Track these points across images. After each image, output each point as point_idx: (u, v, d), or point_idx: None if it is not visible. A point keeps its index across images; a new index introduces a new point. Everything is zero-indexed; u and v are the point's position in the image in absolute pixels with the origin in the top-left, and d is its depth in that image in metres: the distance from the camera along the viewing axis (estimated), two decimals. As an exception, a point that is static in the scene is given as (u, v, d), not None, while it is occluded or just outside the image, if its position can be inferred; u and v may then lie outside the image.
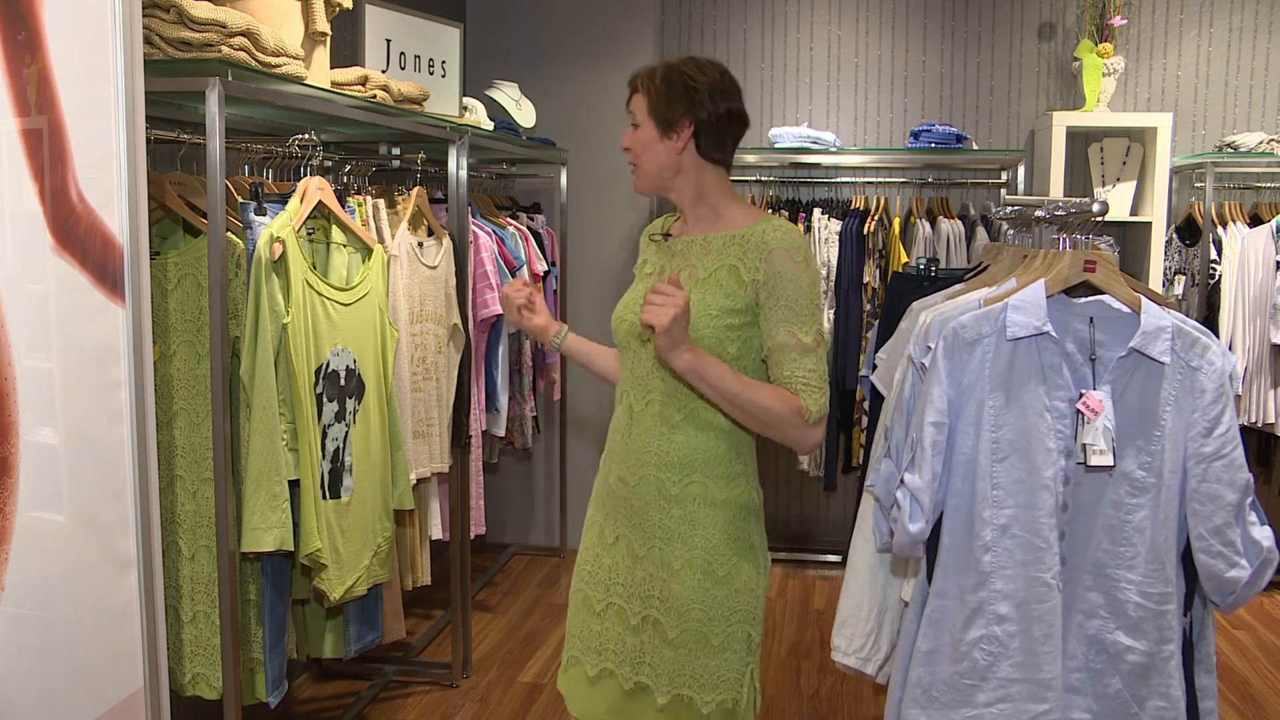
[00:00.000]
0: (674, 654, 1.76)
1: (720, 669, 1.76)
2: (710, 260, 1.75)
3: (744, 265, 1.71)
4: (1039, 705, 1.74)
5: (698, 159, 1.78)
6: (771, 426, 1.68)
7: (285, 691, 2.33)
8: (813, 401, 1.67)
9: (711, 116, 1.75)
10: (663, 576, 1.77)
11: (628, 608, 1.82)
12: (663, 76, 1.76)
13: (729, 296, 1.71)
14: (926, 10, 4.59)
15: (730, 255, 1.73)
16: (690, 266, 1.77)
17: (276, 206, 2.33)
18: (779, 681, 3.34)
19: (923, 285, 2.54)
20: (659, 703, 1.77)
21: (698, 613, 1.75)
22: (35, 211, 1.42)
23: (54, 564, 1.47)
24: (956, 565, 1.77)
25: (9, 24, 1.36)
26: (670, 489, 1.76)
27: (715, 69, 1.78)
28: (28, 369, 1.40)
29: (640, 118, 1.78)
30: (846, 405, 4.20)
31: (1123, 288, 1.77)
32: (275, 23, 2.31)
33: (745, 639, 1.78)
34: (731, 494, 1.77)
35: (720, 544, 1.76)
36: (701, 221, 1.82)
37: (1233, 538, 1.68)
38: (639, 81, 1.79)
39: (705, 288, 1.73)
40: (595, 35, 4.48)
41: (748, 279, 1.71)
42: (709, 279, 1.73)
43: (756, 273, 1.70)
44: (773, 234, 1.71)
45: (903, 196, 4.51)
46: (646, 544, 1.79)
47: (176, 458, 2.22)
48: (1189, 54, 4.46)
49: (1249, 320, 3.99)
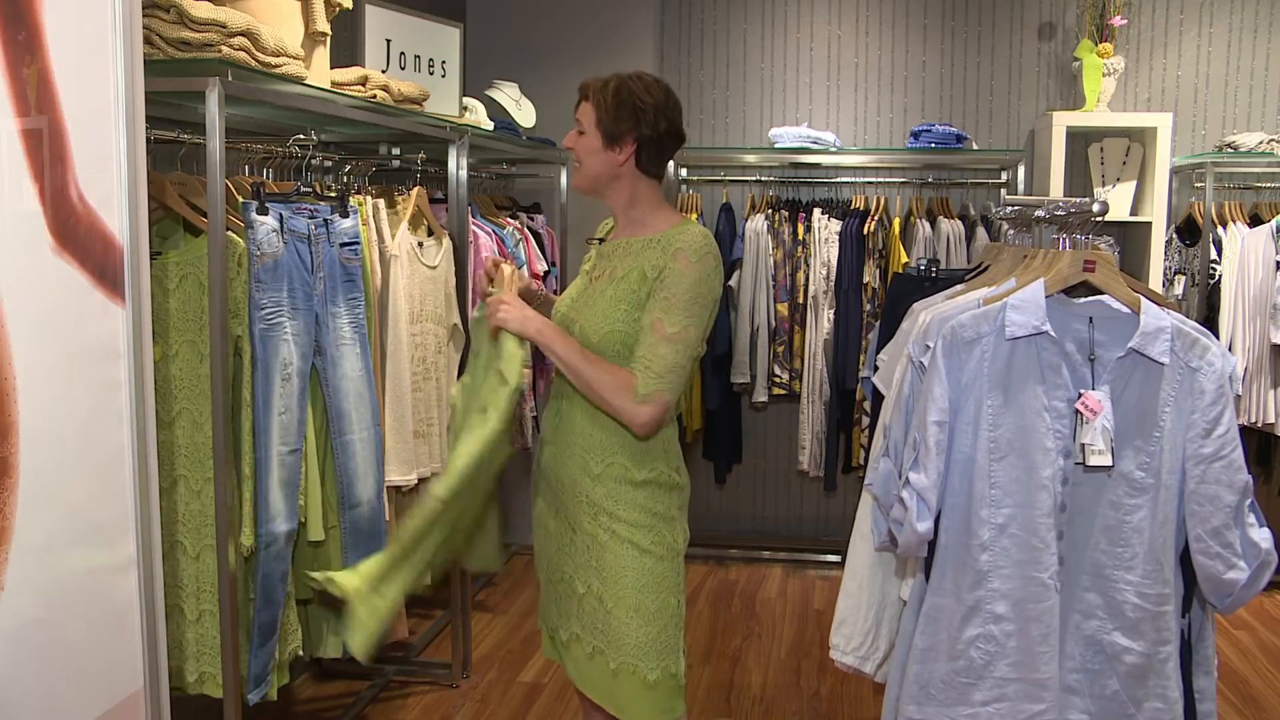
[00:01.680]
0: (616, 624, 1.89)
1: (659, 637, 1.89)
2: (627, 262, 1.90)
3: (649, 265, 1.87)
4: (1035, 705, 1.74)
5: (635, 171, 1.93)
6: (601, 399, 1.84)
7: (266, 690, 2.31)
8: (644, 383, 1.81)
9: (654, 134, 1.90)
10: (596, 550, 1.91)
11: (576, 577, 1.95)
12: (614, 92, 1.89)
13: (634, 293, 1.87)
14: (926, 10, 4.59)
15: (644, 258, 1.88)
16: (613, 267, 1.93)
17: (279, 206, 2.33)
18: (779, 681, 3.34)
19: (923, 286, 2.54)
20: (610, 667, 1.90)
21: (631, 581, 1.88)
22: (35, 211, 1.42)
23: (54, 564, 1.47)
24: (954, 564, 1.77)
25: (9, 24, 1.36)
26: (594, 468, 1.90)
27: (660, 88, 1.91)
28: (28, 369, 1.40)
29: (587, 126, 1.93)
30: (846, 405, 4.20)
31: (1122, 288, 1.77)
32: (275, 23, 2.32)
33: (675, 607, 1.92)
34: (650, 475, 1.91)
35: (641, 517, 1.90)
36: (630, 225, 1.97)
37: (1231, 539, 1.68)
38: (590, 92, 1.93)
39: (618, 286, 1.88)
40: (595, 35, 4.48)
41: (650, 276, 1.86)
42: (623, 279, 1.89)
43: (660, 268, 1.85)
44: (680, 236, 1.87)
45: (903, 196, 4.50)
46: (576, 519, 1.94)
47: (180, 457, 2.22)
48: (1189, 54, 4.46)
49: (1249, 320, 3.99)
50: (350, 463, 2.52)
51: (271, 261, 2.26)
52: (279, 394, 2.27)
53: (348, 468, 2.52)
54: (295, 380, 2.32)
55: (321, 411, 2.46)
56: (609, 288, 1.89)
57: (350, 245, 2.53)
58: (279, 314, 2.28)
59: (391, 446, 2.79)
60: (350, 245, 2.53)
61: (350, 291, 2.52)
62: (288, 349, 2.29)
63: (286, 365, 2.29)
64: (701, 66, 4.69)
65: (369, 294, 2.65)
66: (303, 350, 2.34)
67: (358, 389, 2.53)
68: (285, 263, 2.30)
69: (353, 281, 2.54)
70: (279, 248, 2.28)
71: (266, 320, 2.25)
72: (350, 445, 2.52)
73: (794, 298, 4.29)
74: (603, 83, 1.91)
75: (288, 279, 2.31)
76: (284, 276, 2.30)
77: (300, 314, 2.34)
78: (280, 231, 2.29)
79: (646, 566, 1.88)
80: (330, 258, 2.46)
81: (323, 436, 2.48)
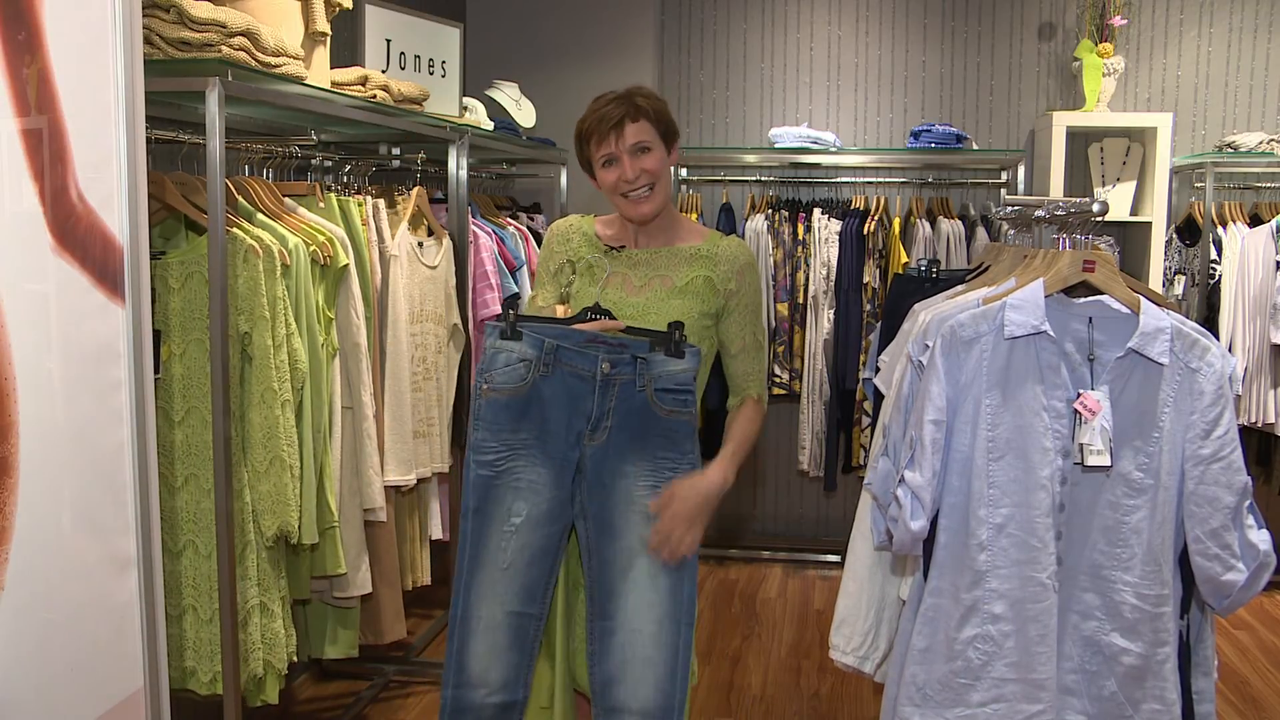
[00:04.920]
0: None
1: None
2: (683, 271, 1.97)
3: (717, 276, 1.97)
4: (1033, 705, 1.74)
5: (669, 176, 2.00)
6: (756, 439, 2.01)
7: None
8: (762, 396, 2.03)
9: (678, 134, 2.00)
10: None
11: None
12: (652, 98, 1.94)
13: (705, 303, 1.96)
14: (926, 10, 4.59)
15: (701, 267, 1.97)
16: (662, 276, 1.97)
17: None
18: (779, 681, 3.34)
19: (924, 286, 2.53)
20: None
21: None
22: (35, 211, 1.42)
23: (54, 564, 1.47)
24: (952, 563, 1.77)
25: (9, 24, 1.36)
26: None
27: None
28: (28, 369, 1.41)
29: (653, 141, 1.93)
30: (846, 405, 4.20)
31: (1122, 288, 1.77)
32: (275, 23, 2.32)
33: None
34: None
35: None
36: (663, 233, 2.01)
37: (1230, 540, 1.68)
38: (638, 107, 1.91)
39: (685, 296, 1.96)
40: (595, 35, 4.48)
41: (721, 288, 1.97)
42: (687, 288, 1.96)
43: (729, 283, 1.97)
44: (738, 251, 2.00)
45: (903, 196, 4.50)
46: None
47: (191, 455, 2.22)
48: (1189, 54, 4.46)
49: (1249, 320, 3.99)
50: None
51: None
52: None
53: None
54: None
55: (321, 412, 2.46)
56: (673, 298, 1.94)
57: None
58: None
59: (391, 446, 2.79)
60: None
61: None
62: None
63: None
64: (701, 66, 4.69)
65: (368, 294, 2.65)
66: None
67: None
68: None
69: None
70: None
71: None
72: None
73: (794, 298, 4.29)
74: (645, 96, 1.94)
75: None
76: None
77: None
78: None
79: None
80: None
81: (320, 438, 2.48)
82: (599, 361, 1.82)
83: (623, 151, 1.90)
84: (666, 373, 1.85)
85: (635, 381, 1.83)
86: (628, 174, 1.90)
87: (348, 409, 2.61)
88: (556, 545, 1.88)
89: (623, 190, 1.93)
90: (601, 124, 1.90)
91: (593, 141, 1.93)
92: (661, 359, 1.84)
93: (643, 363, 1.83)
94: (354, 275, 2.56)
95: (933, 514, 1.78)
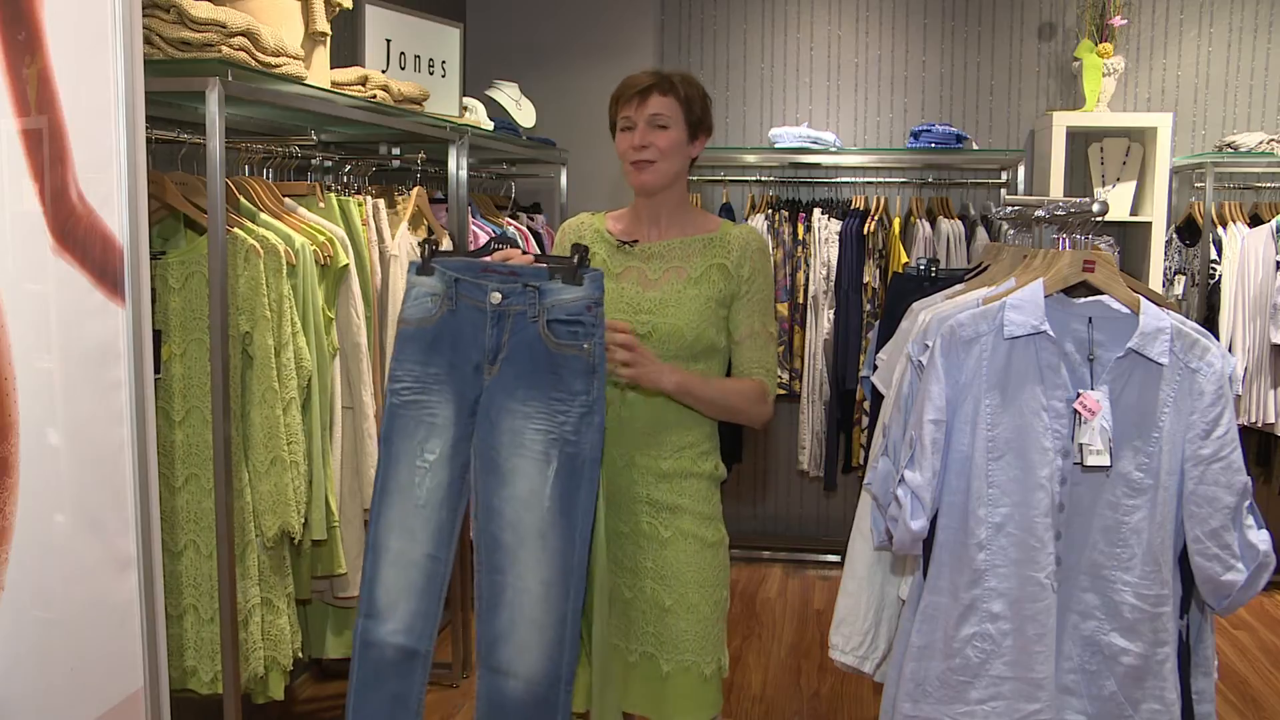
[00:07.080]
0: (674, 622, 1.89)
1: (713, 631, 1.92)
2: (697, 260, 1.94)
3: (730, 262, 1.93)
4: (1031, 704, 1.74)
5: (687, 168, 1.97)
6: (739, 412, 1.92)
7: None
8: (772, 383, 1.94)
9: (711, 132, 1.96)
10: (654, 549, 1.91)
11: (622, 584, 1.93)
12: (692, 84, 1.92)
13: (719, 291, 1.92)
14: (926, 10, 4.59)
15: (715, 255, 1.94)
16: (676, 268, 1.94)
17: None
18: (779, 681, 3.34)
19: (923, 286, 2.54)
20: (662, 671, 1.89)
21: (693, 576, 1.89)
22: (35, 211, 1.42)
23: (54, 564, 1.47)
24: (951, 562, 1.78)
25: (9, 24, 1.36)
26: (663, 466, 1.91)
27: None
28: (28, 369, 1.41)
29: (672, 120, 1.90)
30: (846, 405, 4.19)
31: (1122, 288, 1.77)
32: (275, 23, 2.32)
33: (725, 600, 1.96)
34: (710, 468, 1.95)
35: (707, 509, 1.93)
36: (675, 224, 1.98)
37: (1229, 541, 1.68)
38: (671, 84, 1.91)
39: (700, 285, 1.92)
40: (595, 35, 4.48)
41: (734, 274, 1.93)
42: (703, 278, 1.92)
43: (742, 269, 1.93)
44: (750, 236, 1.96)
45: (903, 196, 4.50)
46: (633, 522, 1.92)
47: (191, 455, 2.22)
48: (1189, 54, 4.46)
49: (1249, 320, 3.99)
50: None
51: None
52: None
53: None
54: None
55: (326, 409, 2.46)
56: (690, 288, 1.90)
57: None
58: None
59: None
60: None
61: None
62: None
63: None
64: (701, 66, 4.69)
65: (368, 294, 2.65)
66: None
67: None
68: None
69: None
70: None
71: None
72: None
73: (794, 298, 4.29)
74: (682, 76, 1.92)
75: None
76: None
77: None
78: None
79: (707, 560, 1.91)
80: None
81: (322, 437, 2.48)
82: (488, 291, 1.73)
83: (640, 119, 1.89)
84: (559, 302, 1.70)
85: (528, 312, 1.71)
86: (636, 141, 1.90)
87: (348, 409, 2.61)
88: (459, 486, 1.78)
89: (630, 157, 1.93)
90: (629, 88, 1.91)
91: (620, 103, 1.93)
92: (557, 287, 1.70)
93: (535, 292, 1.70)
94: (354, 275, 2.56)
95: (933, 514, 1.78)
